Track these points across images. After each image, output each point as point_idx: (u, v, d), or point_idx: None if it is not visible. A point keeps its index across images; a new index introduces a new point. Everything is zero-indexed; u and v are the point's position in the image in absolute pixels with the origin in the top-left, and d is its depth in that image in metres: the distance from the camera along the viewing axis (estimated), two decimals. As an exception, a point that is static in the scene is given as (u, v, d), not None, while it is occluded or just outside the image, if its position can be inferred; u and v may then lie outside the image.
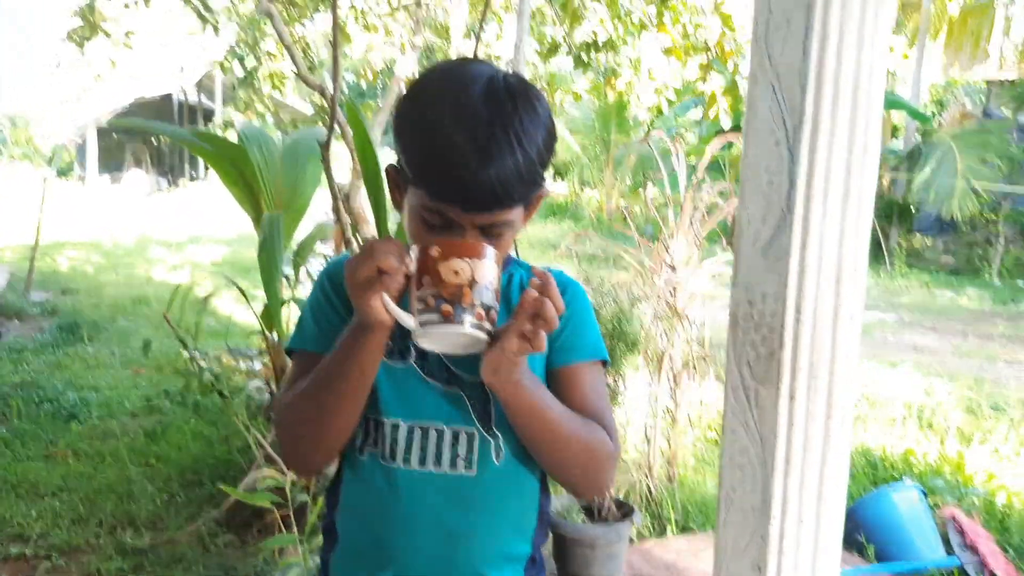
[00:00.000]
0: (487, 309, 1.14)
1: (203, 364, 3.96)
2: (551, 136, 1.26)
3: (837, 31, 1.38)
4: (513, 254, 1.50)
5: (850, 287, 1.48)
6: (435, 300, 1.12)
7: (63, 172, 27.70)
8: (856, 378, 1.55)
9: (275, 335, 4.44)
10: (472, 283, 1.12)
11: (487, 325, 1.14)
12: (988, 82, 18.27)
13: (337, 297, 1.35)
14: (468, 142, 1.17)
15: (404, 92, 1.31)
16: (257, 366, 6.19)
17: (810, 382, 1.49)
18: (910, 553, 3.49)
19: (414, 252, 1.15)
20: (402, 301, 1.16)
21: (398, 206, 1.34)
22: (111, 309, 9.15)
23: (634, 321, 3.55)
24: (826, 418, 1.50)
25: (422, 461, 1.32)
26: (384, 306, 1.14)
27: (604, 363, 1.43)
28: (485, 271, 1.14)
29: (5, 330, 8.04)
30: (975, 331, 9.30)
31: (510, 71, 1.30)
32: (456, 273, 1.12)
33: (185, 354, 4.70)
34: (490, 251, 1.15)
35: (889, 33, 1.46)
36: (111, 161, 27.97)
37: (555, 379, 1.36)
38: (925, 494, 3.74)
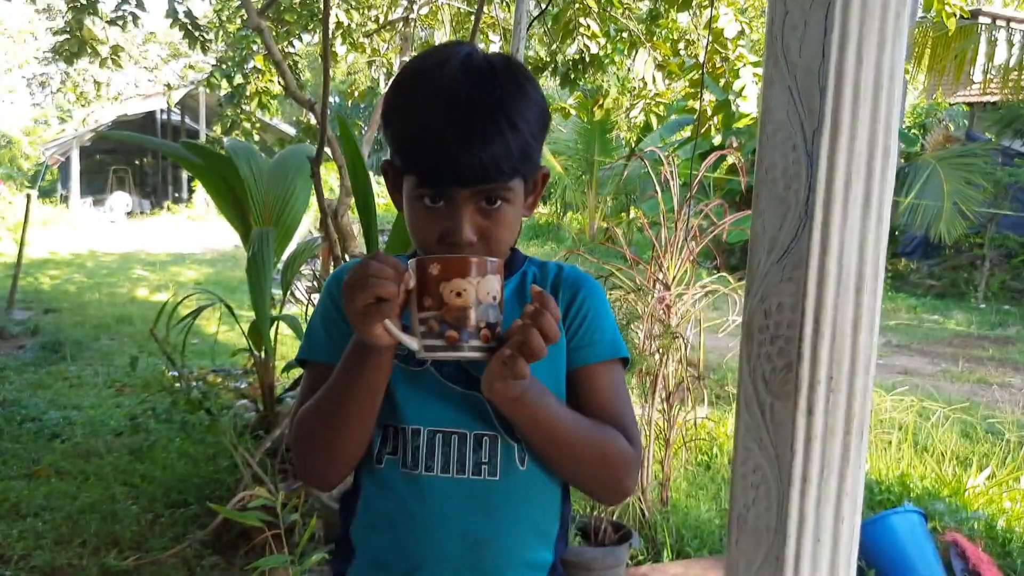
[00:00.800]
0: (492, 327, 1.11)
1: (191, 382, 3.88)
2: (540, 109, 1.23)
3: (857, 31, 1.35)
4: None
5: (869, 297, 1.43)
6: (438, 324, 1.09)
7: (46, 193, 27.65)
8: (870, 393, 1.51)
9: (263, 353, 4.37)
10: (476, 304, 1.09)
11: (492, 344, 1.11)
12: (970, 105, 18.40)
13: None
14: (448, 121, 1.14)
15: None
16: (243, 386, 6.12)
17: (828, 396, 1.45)
18: (912, 578, 3.43)
19: (412, 268, 1.11)
20: (404, 316, 1.13)
21: (398, 204, 1.31)
22: (94, 328, 9.06)
23: (628, 341, 3.49)
24: (844, 433, 1.45)
25: (445, 467, 1.28)
26: (386, 331, 1.10)
27: (624, 361, 1.38)
28: (488, 287, 1.10)
29: (-14, 349, 7.94)
30: (965, 355, 9.29)
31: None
32: (458, 295, 1.08)
33: (171, 372, 4.63)
34: (492, 265, 1.11)
35: (907, 35, 1.43)
36: (94, 182, 27.91)
37: (572, 381, 1.32)
38: (925, 518, 3.68)
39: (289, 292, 4.45)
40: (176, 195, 28.58)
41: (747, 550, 1.59)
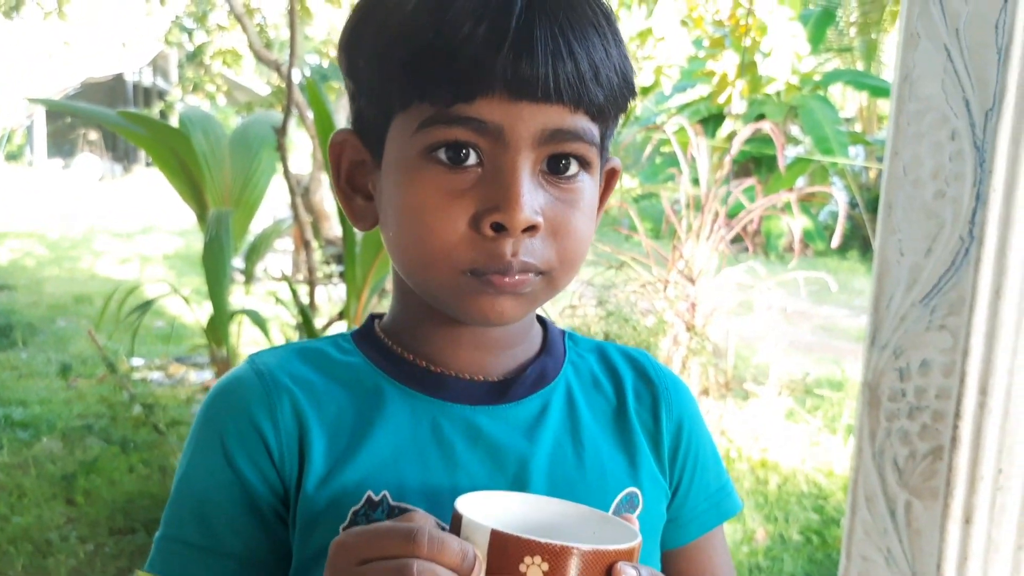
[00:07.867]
0: None
1: (132, 391, 3.47)
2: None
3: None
4: None
5: (1057, 355, 1.03)
6: None
7: (13, 156, 27.18)
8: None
9: (224, 350, 3.98)
10: None
11: None
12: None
13: (256, 473, 0.76)
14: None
15: None
16: (208, 375, 5.73)
17: (995, 497, 1.05)
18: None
19: (480, 544, 0.60)
20: None
21: (358, 219, 0.81)
22: (50, 308, 8.64)
23: (646, 342, 3.09)
24: (1016, 548, 1.06)
25: None
26: None
27: None
28: None
29: (-69, 335, 7.50)
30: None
31: None
32: None
33: (126, 362, 4.21)
34: (634, 549, 0.63)
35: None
36: (64, 144, 27.35)
37: (677, 560, 0.87)
38: None
39: (253, 281, 4.04)
40: (148, 159, 28.01)
41: None
